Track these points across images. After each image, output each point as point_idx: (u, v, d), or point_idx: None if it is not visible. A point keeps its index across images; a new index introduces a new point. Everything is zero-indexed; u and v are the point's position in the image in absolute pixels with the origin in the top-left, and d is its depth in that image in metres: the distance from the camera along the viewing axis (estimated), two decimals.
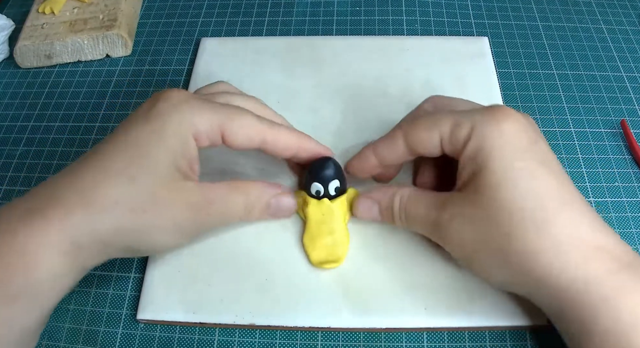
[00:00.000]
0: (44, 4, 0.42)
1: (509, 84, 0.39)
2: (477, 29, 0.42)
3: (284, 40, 0.41)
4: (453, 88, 0.37)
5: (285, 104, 0.36)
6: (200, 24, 0.44)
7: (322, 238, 0.29)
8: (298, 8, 0.45)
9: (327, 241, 0.29)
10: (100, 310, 0.29)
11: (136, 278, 0.30)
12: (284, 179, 0.32)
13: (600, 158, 0.35)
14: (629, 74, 0.39)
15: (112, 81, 0.40)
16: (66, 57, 0.41)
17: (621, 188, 0.33)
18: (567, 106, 0.37)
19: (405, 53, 0.39)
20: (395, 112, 0.35)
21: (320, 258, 0.29)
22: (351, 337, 0.28)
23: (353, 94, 0.37)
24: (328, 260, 0.28)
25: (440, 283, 0.28)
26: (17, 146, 0.37)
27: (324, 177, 0.29)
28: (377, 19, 0.43)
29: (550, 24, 0.43)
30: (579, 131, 0.36)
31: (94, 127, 0.38)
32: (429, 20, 0.43)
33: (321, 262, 0.29)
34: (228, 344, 0.28)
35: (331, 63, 0.39)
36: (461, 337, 0.28)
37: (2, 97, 0.40)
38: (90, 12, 0.42)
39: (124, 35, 0.41)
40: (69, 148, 0.37)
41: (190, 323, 0.28)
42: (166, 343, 0.28)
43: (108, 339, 0.28)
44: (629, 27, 0.43)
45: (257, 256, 0.29)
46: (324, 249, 0.29)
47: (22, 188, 0.35)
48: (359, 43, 0.40)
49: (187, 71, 0.41)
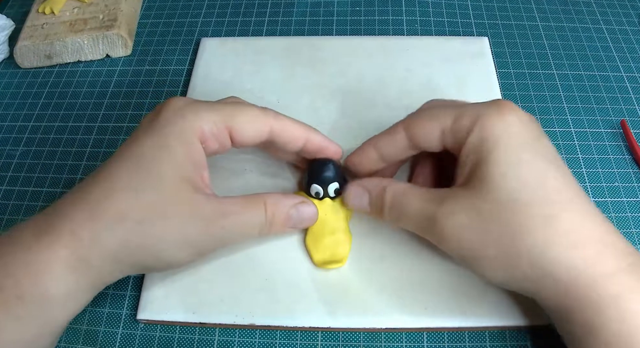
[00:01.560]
0: (44, 4, 0.42)
1: (509, 84, 0.39)
2: (477, 29, 0.42)
3: (284, 40, 0.41)
4: (453, 88, 0.37)
5: (285, 104, 0.36)
6: (200, 24, 0.44)
7: (324, 238, 0.29)
8: (298, 8, 0.45)
9: (330, 241, 0.29)
10: (100, 310, 0.29)
11: (136, 278, 0.30)
12: (284, 180, 0.32)
13: (600, 158, 0.35)
14: (629, 74, 0.39)
15: (112, 81, 0.40)
16: (66, 57, 0.41)
17: (621, 188, 0.33)
18: (567, 106, 0.37)
19: (405, 53, 0.39)
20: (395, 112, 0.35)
21: (323, 258, 0.29)
22: (351, 337, 0.28)
23: (353, 94, 0.37)
24: (331, 260, 0.28)
25: (440, 283, 0.28)
26: (17, 146, 0.37)
27: (324, 179, 0.29)
28: (377, 19, 0.43)
29: (550, 24, 0.43)
30: (579, 131, 0.36)
31: (94, 127, 0.38)
32: (429, 20, 0.43)
33: (324, 262, 0.29)
34: (228, 344, 0.28)
35: (331, 63, 0.39)
36: (461, 337, 0.28)
37: (2, 97, 0.40)
38: (90, 12, 0.42)
39: (124, 35, 0.41)
40: (69, 148, 0.37)
41: (190, 323, 0.28)
42: (166, 343, 0.28)
43: (108, 339, 0.28)
44: (629, 27, 0.43)
45: (257, 256, 0.29)
46: (327, 249, 0.29)
47: (22, 188, 0.35)
48: (359, 43, 0.40)
49: (187, 71, 0.41)
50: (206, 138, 0.25)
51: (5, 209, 0.34)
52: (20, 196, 0.34)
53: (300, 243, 0.30)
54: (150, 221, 0.23)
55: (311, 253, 0.29)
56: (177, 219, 0.23)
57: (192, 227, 0.24)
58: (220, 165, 0.32)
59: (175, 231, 0.23)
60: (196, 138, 0.25)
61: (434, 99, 0.29)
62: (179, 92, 0.39)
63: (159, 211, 0.23)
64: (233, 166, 0.33)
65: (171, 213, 0.23)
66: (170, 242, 0.24)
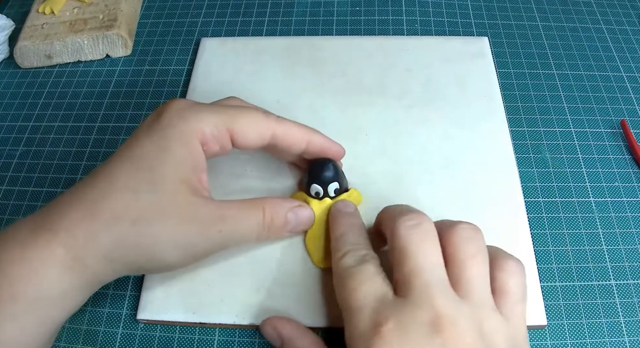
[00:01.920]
0: (44, 4, 0.42)
1: (509, 84, 0.39)
2: (477, 29, 0.42)
3: (284, 40, 0.41)
4: (453, 88, 0.37)
5: (285, 104, 0.36)
6: (200, 24, 0.44)
7: (324, 238, 0.29)
8: (298, 8, 0.45)
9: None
10: (100, 310, 0.29)
11: (136, 278, 0.30)
12: (284, 180, 0.32)
13: (600, 158, 0.35)
14: (629, 74, 0.39)
15: (112, 81, 0.40)
16: (66, 57, 0.41)
17: (621, 188, 0.33)
18: (567, 106, 0.37)
19: (405, 53, 0.39)
20: (395, 112, 0.36)
21: (323, 258, 0.29)
22: None
23: (353, 94, 0.37)
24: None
25: None
26: (17, 146, 0.37)
27: (324, 179, 0.29)
28: (377, 19, 0.43)
29: (550, 24, 0.43)
30: (579, 131, 0.36)
31: (94, 127, 0.38)
32: (429, 20, 0.43)
33: (324, 262, 0.28)
34: (228, 344, 0.28)
35: (331, 63, 0.39)
36: None
37: (2, 97, 0.40)
38: (90, 12, 0.42)
39: (124, 35, 0.41)
40: (69, 148, 0.37)
41: (190, 323, 0.28)
42: (166, 343, 0.28)
43: (108, 339, 0.28)
44: (629, 27, 0.43)
45: (257, 256, 0.29)
46: (327, 249, 0.29)
47: (22, 188, 0.35)
48: (359, 43, 0.40)
49: (187, 71, 0.41)
50: (207, 140, 0.25)
51: (5, 210, 0.34)
52: (20, 196, 0.34)
53: (300, 243, 0.30)
54: (147, 221, 0.23)
55: (311, 253, 0.29)
56: (174, 220, 0.23)
57: (189, 229, 0.24)
58: (221, 166, 0.32)
59: (172, 232, 0.23)
60: (197, 140, 0.25)
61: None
62: (179, 92, 0.39)
63: (157, 212, 0.23)
64: (233, 167, 0.33)
65: (168, 214, 0.23)
66: (166, 244, 0.23)
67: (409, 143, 0.34)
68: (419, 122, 0.35)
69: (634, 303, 0.29)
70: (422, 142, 0.34)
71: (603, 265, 0.30)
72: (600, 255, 0.30)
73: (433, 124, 0.35)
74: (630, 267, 0.30)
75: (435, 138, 0.34)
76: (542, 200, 0.33)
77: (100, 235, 0.22)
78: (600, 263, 0.30)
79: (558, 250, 0.31)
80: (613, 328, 0.28)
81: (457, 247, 0.23)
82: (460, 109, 0.35)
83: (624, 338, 0.28)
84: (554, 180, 0.34)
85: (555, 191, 0.33)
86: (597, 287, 0.29)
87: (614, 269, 0.30)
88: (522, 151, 0.35)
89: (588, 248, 0.31)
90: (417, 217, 0.24)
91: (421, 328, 0.20)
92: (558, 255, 0.30)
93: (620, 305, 0.29)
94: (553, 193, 0.33)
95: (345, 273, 0.24)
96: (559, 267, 0.30)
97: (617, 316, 0.28)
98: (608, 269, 0.30)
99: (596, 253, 0.31)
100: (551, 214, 0.32)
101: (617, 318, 0.28)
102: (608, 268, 0.30)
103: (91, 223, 0.22)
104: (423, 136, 0.34)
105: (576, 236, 0.31)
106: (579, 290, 0.29)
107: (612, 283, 0.29)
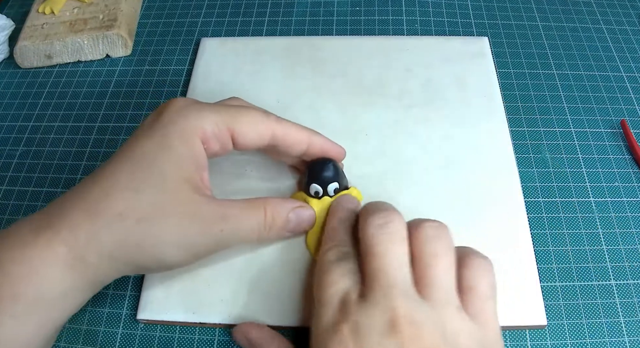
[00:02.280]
0: (44, 4, 0.42)
1: (509, 84, 0.39)
2: (477, 29, 0.42)
3: (284, 40, 0.41)
4: (453, 88, 0.37)
5: (285, 104, 0.36)
6: (200, 24, 0.44)
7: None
8: (298, 8, 0.45)
9: None
10: (100, 310, 0.29)
11: (136, 278, 0.30)
12: (284, 180, 0.32)
13: (600, 158, 0.35)
14: (629, 74, 0.39)
15: (112, 81, 0.40)
16: (66, 57, 0.41)
17: (621, 188, 0.33)
18: (567, 106, 0.37)
19: (405, 53, 0.39)
20: (395, 112, 0.36)
21: None
22: None
23: (353, 94, 0.37)
24: None
25: None
26: (17, 146, 0.37)
27: (323, 178, 0.29)
28: (377, 19, 0.43)
29: (550, 24, 0.43)
30: (579, 131, 0.36)
31: (94, 127, 0.38)
32: (429, 20, 0.43)
33: None
34: (228, 344, 0.28)
35: (331, 63, 0.39)
36: None
37: (2, 97, 0.40)
38: (90, 12, 0.42)
39: (124, 35, 0.41)
40: (69, 148, 0.37)
41: (190, 323, 0.28)
42: (166, 343, 0.28)
43: (108, 339, 0.28)
44: (629, 27, 0.43)
45: (257, 256, 0.29)
46: None
47: (22, 188, 0.35)
48: (359, 43, 0.40)
49: (187, 71, 0.41)
50: (208, 138, 0.25)
51: (5, 210, 0.34)
52: (20, 196, 0.34)
53: (301, 243, 0.30)
54: (149, 220, 0.23)
55: (312, 252, 0.29)
56: (176, 219, 0.23)
57: (191, 228, 0.24)
58: (221, 167, 0.32)
59: (174, 231, 0.23)
60: (198, 138, 0.25)
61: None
62: (178, 92, 0.39)
63: (159, 210, 0.23)
64: (233, 167, 0.33)
65: (170, 213, 0.23)
66: (168, 242, 0.23)
67: (409, 143, 0.34)
68: (418, 122, 0.35)
69: (634, 303, 0.29)
70: (422, 142, 0.34)
71: (603, 265, 0.30)
72: (600, 255, 0.30)
73: (433, 124, 0.35)
74: (630, 267, 0.30)
75: (435, 138, 0.34)
76: (542, 200, 0.33)
77: (102, 234, 0.22)
78: (600, 263, 0.30)
79: (558, 250, 0.31)
80: (613, 328, 0.28)
81: (421, 246, 0.23)
82: (460, 109, 0.35)
83: (624, 338, 0.28)
84: (554, 180, 0.34)
85: (555, 191, 0.33)
86: (597, 287, 0.29)
87: (614, 269, 0.30)
88: (522, 151, 0.35)
89: (588, 248, 0.31)
90: (387, 216, 0.24)
91: (378, 329, 0.20)
92: (558, 255, 0.30)
93: (620, 305, 0.29)
94: (553, 193, 0.33)
95: (325, 267, 0.24)
96: (559, 267, 0.30)
97: (617, 316, 0.28)
98: (608, 269, 0.30)
99: (596, 253, 0.31)
100: (551, 215, 0.32)
101: (617, 318, 0.28)
102: (608, 268, 0.30)
103: (93, 222, 0.22)
104: (423, 136, 0.34)
105: (576, 236, 0.31)
106: (579, 290, 0.29)
107: (612, 283, 0.29)
